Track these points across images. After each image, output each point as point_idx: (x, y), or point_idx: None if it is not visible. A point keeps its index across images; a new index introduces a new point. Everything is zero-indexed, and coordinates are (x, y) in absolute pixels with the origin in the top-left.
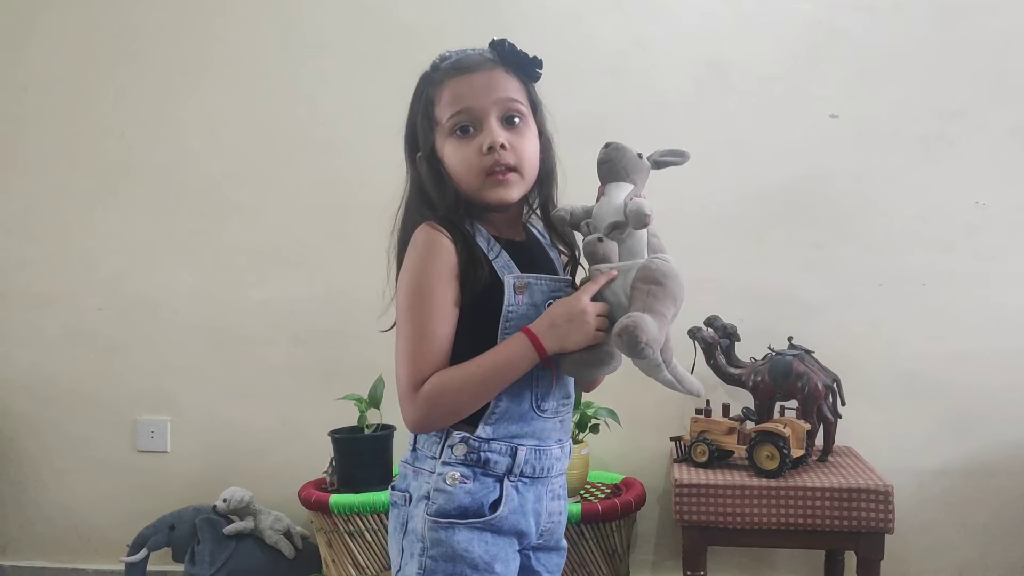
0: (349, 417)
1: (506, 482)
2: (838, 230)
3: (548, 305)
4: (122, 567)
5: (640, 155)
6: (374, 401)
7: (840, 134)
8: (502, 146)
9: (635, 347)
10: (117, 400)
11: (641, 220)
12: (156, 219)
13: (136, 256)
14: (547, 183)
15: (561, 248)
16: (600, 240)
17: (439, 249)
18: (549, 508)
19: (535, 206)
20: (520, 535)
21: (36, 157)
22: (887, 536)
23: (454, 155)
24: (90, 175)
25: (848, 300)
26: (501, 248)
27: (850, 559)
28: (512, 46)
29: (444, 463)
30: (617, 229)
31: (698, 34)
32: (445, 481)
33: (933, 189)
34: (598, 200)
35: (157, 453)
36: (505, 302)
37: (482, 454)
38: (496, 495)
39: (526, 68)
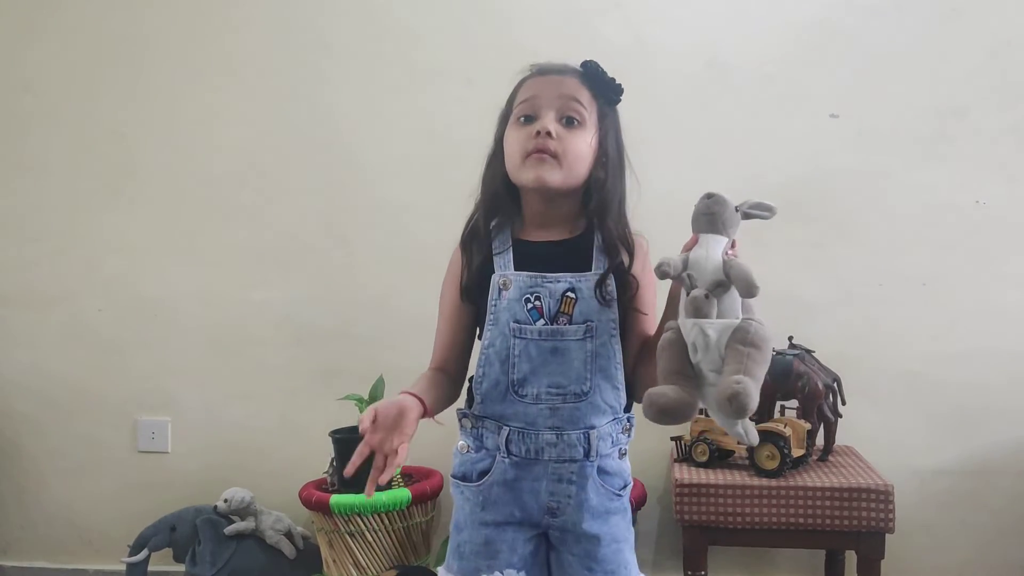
0: (350, 417)
1: (498, 457)
2: (838, 230)
3: (524, 300)
4: (123, 568)
5: (736, 208)
6: (374, 401)
7: (840, 134)
8: (548, 133)
9: (743, 413)
10: (118, 400)
11: (750, 292)
12: (157, 219)
13: (137, 256)
14: (600, 194)
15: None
16: (707, 297)
17: (452, 263)
18: (551, 488)
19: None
20: (518, 509)
21: (37, 158)
22: (887, 536)
23: (509, 138)
24: (91, 176)
25: (848, 300)
26: (509, 247)
27: (850, 559)
28: (598, 67)
29: (461, 433)
30: (721, 287)
31: (698, 34)
32: (459, 448)
33: (933, 188)
34: (692, 249)
35: (158, 454)
36: (489, 299)
37: (478, 429)
38: (487, 466)
39: (605, 89)
